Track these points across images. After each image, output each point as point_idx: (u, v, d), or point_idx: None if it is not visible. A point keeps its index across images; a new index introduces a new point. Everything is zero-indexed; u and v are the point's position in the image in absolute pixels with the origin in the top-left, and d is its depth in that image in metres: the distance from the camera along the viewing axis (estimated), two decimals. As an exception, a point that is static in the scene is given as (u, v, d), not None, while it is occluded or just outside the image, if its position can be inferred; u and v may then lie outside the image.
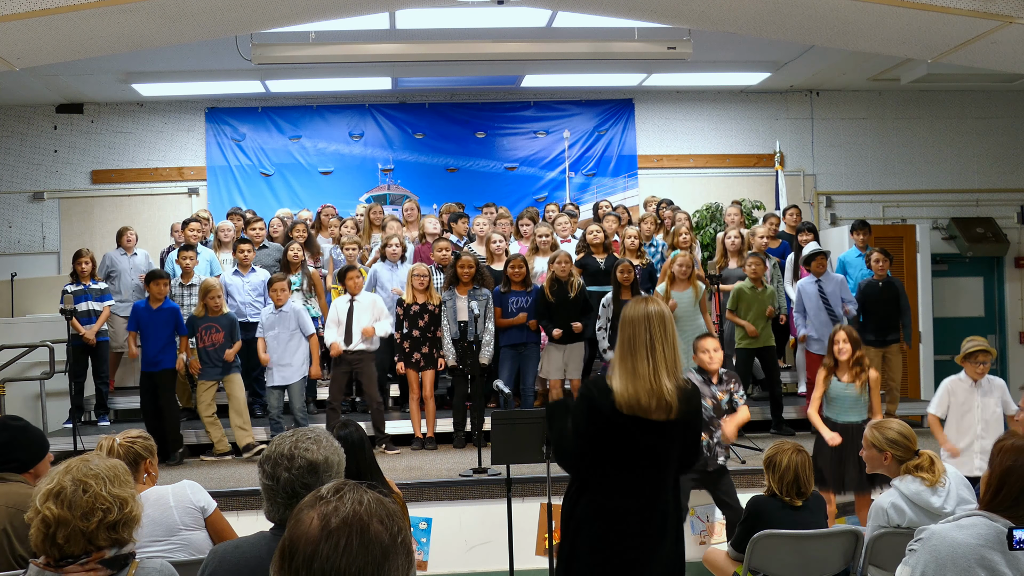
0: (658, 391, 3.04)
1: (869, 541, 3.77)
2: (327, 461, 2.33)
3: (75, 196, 10.51)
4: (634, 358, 3.08)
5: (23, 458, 3.25)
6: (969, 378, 5.53)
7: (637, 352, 3.08)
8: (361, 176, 10.86)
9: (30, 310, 9.36)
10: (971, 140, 11.24)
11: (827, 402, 5.61)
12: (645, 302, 3.19)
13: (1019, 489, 2.46)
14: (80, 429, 7.03)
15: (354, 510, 1.39)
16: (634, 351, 3.08)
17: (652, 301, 3.20)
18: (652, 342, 3.09)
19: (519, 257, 7.41)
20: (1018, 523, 2.42)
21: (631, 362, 3.08)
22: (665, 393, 3.04)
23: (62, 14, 5.27)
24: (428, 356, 7.20)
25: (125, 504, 2.34)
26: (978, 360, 5.48)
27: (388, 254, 7.88)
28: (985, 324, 11.18)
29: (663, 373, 3.06)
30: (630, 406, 3.05)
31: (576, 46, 8.11)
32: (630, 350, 3.10)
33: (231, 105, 10.70)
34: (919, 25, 5.93)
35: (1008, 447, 2.53)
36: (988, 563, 2.40)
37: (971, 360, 5.48)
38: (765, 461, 4.20)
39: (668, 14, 6.62)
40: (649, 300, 3.22)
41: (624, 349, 3.12)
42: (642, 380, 3.05)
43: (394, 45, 8.18)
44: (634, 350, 3.09)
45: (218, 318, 7.04)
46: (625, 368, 3.09)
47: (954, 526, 2.49)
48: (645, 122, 11.11)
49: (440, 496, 5.93)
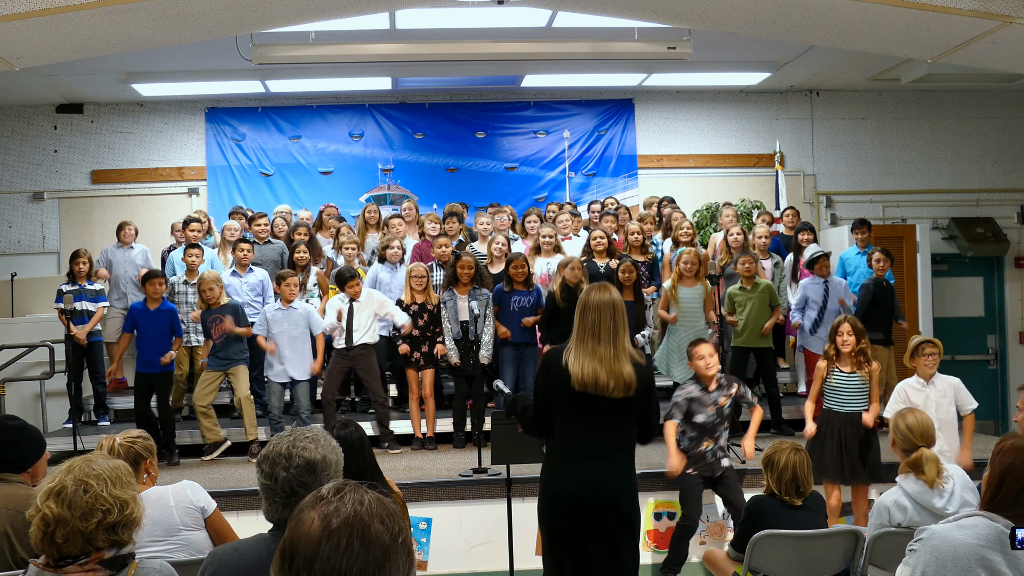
0: (618, 373, 3.42)
1: (869, 540, 3.78)
2: (325, 460, 2.33)
3: (75, 196, 10.51)
4: (596, 341, 3.45)
5: (20, 457, 3.26)
6: (920, 378, 5.48)
7: (600, 337, 3.45)
8: (361, 176, 10.86)
9: (30, 310, 9.35)
10: (971, 140, 11.23)
11: (829, 392, 5.61)
12: (608, 290, 3.53)
13: (1018, 488, 2.46)
14: (80, 429, 7.03)
15: (355, 510, 1.39)
16: (596, 335, 3.45)
17: (612, 289, 3.55)
18: (616, 328, 3.47)
19: (521, 257, 7.39)
20: (1018, 522, 2.42)
21: (591, 344, 3.45)
22: (625, 375, 3.42)
23: (62, 14, 5.26)
24: (428, 355, 7.20)
25: (126, 506, 2.33)
26: (925, 352, 5.43)
27: (388, 255, 7.87)
28: (985, 324, 11.18)
29: (623, 357, 3.44)
30: (586, 384, 3.42)
31: (576, 46, 8.10)
32: (592, 334, 3.46)
33: (231, 105, 10.70)
34: (919, 25, 5.92)
35: (1008, 447, 2.53)
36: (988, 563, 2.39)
37: (919, 353, 5.44)
38: (764, 461, 4.22)
39: (668, 14, 6.62)
40: (610, 288, 3.55)
41: (585, 332, 3.48)
42: (604, 362, 3.42)
43: (394, 45, 8.17)
44: (596, 335, 3.45)
45: (221, 309, 7.04)
46: (585, 349, 3.46)
47: (954, 526, 2.50)
48: (645, 122, 11.11)
49: (440, 496, 5.93)
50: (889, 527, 3.76)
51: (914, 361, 5.49)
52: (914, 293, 9.69)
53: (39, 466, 3.34)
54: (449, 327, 7.15)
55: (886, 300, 7.65)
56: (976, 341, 11.09)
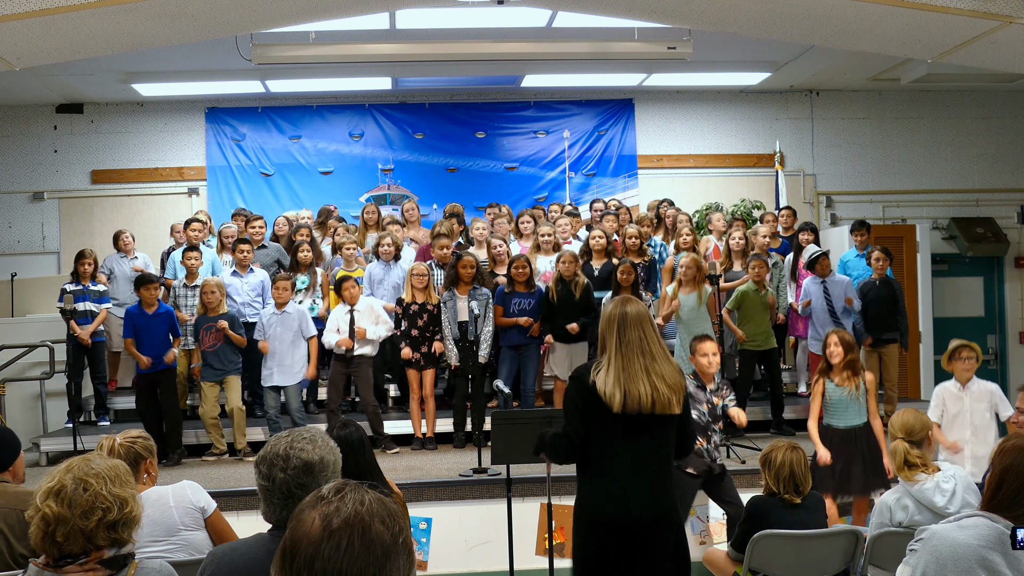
0: (680, 384, 3.17)
1: (870, 540, 3.78)
2: (323, 461, 2.32)
3: (75, 196, 10.51)
4: (648, 358, 3.15)
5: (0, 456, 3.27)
6: (958, 383, 5.46)
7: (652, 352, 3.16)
8: (361, 176, 10.86)
9: (30, 310, 9.36)
10: (971, 140, 11.23)
11: (826, 408, 5.57)
12: (636, 303, 3.26)
13: (1017, 487, 2.46)
14: (80, 429, 7.03)
15: (356, 510, 1.39)
16: (647, 351, 3.16)
17: (633, 302, 3.27)
18: (660, 340, 3.21)
19: (523, 258, 7.40)
20: (1018, 523, 2.42)
21: (642, 362, 3.15)
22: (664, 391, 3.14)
23: (62, 14, 5.26)
24: (428, 355, 7.20)
25: (125, 504, 2.34)
26: (962, 356, 5.42)
27: (381, 253, 7.88)
28: (985, 324, 11.18)
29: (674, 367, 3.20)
30: (642, 406, 3.13)
31: (576, 46, 8.11)
32: (641, 351, 3.16)
33: (231, 105, 10.70)
34: (919, 25, 5.92)
35: (1008, 447, 2.54)
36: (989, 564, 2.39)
37: (956, 357, 5.42)
38: (761, 459, 4.23)
39: (668, 14, 6.62)
40: (636, 300, 3.29)
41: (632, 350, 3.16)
42: (666, 377, 3.15)
43: (394, 45, 8.17)
44: (648, 351, 3.16)
45: (218, 317, 7.04)
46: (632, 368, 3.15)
47: (955, 526, 2.49)
48: (645, 122, 11.11)
49: (440, 496, 5.93)
50: (891, 526, 3.76)
51: (951, 365, 5.46)
52: (914, 293, 9.69)
53: (17, 466, 3.34)
54: (448, 328, 7.16)
55: (876, 300, 7.66)
56: (976, 341, 10.97)
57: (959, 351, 5.44)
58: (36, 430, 7.93)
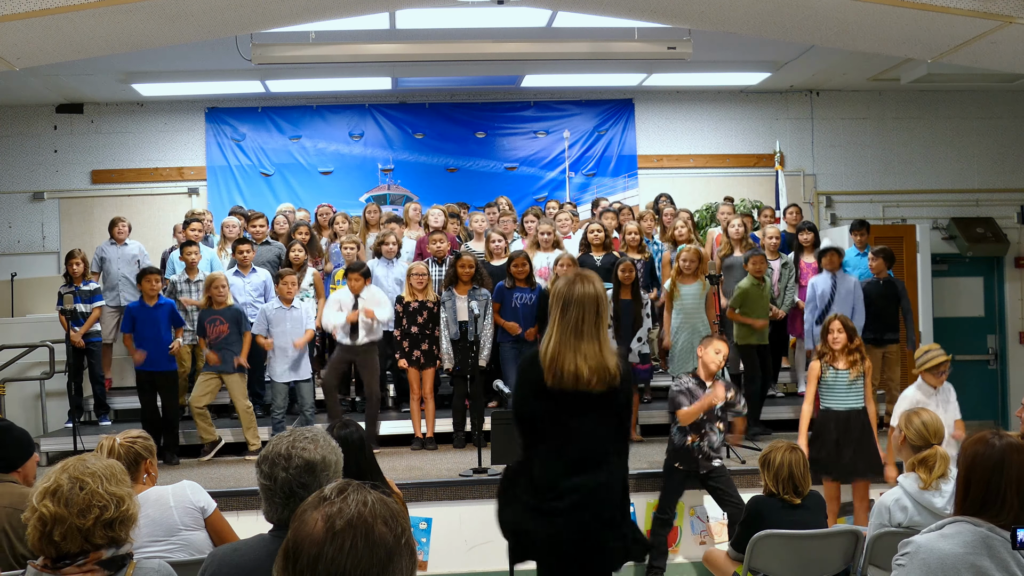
0: (603, 366, 3.18)
1: (869, 540, 3.78)
2: (324, 461, 2.32)
3: (75, 196, 10.51)
4: (579, 337, 3.19)
5: (10, 457, 3.31)
6: (929, 386, 5.43)
7: (583, 331, 3.20)
8: (361, 176, 10.86)
9: (30, 310, 9.36)
10: (971, 140, 11.23)
11: (824, 390, 5.61)
12: (591, 282, 3.27)
13: (985, 481, 2.44)
14: (80, 429, 7.02)
15: (358, 511, 1.39)
16: (579, 331, 3.20)
17: (595, 281, 3.29)
18: (600, 323, 3.24)
19: (522, 254, 7.40)
20: (995, 521, 2.41)
21: (572, 341, 3.19)
22: (611, 367, 3.19)
23: (62, 14, 5.26)
24: (428, 353, 7.19)
25: (122, 502, 2.34)
26: (941, 371, 5.40)
27: (384, 251, 7.88)
28: (985, 324, 11.18)
29: (607, 351, 3.23)
30: (567, 379, 3.16)
31: (576, 46, 8.10)
32: (574, 329, 3.20)
33: (231, 105, 10.70)
34: (919, 25, 5.92)
35: (967, 446, 2.54)
36: (981, 570, 2.38)
37: (935, 372, 5.39)
38: (760, 460, 4.25)
39: (668, 14, 6.62)
40: (593, 279, 3.29)
41: (567, 329, 3.21)
42: (588, 357, 3.18)
43: (394, 45, 8.17)
44: (579, 330, 3.20)
45: (223, 311, 7.03)
46: (567, 345, 3.19)
47: (937, 536, 2.46)
48: (645, 122, 11.11)
49: (440, 496, 5.93)
50: (889, 527, 3.76)
51: (927, 375, 5.42)
52: (914, 293, 9.68)
53: (29, 467, 3.36)
54: (447, 328, 7.14)
55: (878, 299, 7.65)
56: (976, 341, 11.10)
57: (940, 367, 5.39)
58: (36, 430, 7.92)
